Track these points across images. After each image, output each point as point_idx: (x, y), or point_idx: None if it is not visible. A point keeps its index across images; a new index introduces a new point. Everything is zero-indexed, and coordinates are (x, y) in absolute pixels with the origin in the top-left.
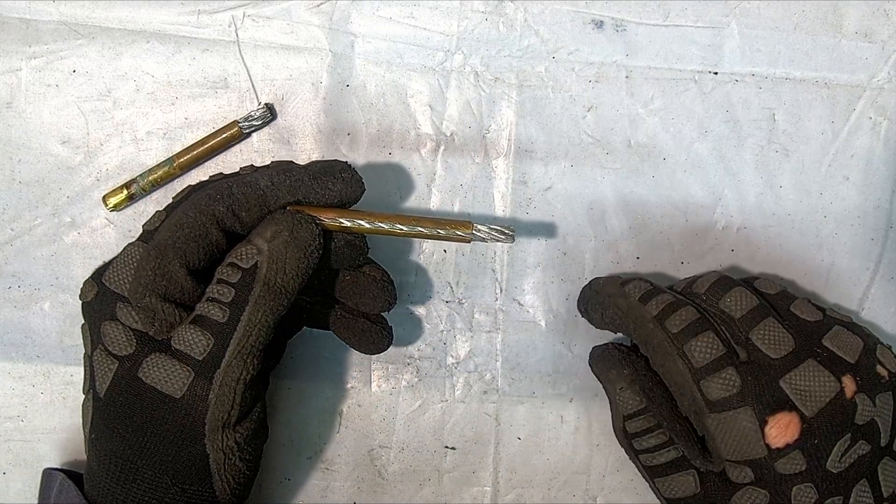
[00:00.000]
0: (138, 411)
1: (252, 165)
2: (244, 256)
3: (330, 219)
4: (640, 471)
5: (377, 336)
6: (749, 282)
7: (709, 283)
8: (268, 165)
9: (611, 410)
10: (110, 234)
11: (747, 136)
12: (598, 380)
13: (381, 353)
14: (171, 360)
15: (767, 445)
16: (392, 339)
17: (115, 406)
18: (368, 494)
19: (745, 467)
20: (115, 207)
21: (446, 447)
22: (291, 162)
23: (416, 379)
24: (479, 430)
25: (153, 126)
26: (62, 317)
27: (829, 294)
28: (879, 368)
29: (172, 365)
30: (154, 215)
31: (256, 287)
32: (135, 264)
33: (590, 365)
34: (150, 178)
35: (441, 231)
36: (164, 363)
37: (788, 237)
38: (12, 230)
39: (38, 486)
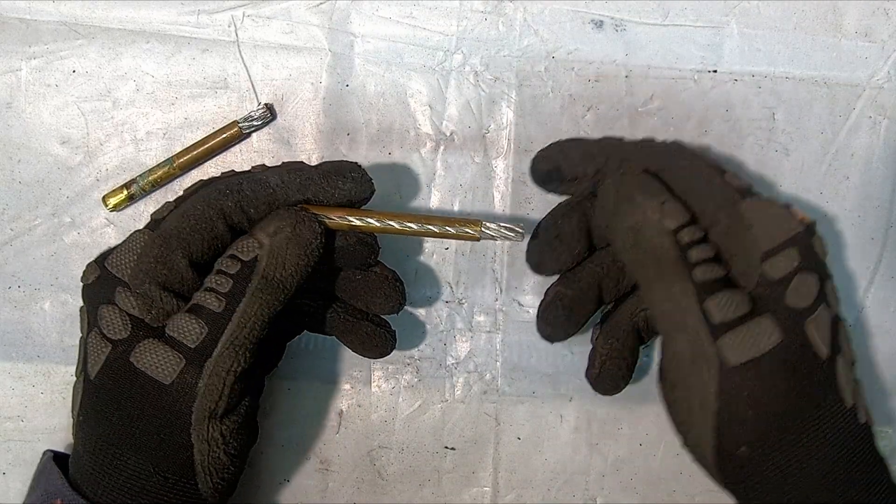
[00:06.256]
0: (127, 395)
1: (263, 165)
2: (245, 249)
3: (340, 217)
4: (687, 301)
5: (382, 339)
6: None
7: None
8: (279, 165)
9: (632, 231)
10: (110, 234)
11: (747, 136)
12: (628, 200)
13: None
14: (163, 347)
15: (802, 221)
16: (395, 343)
17: (104, 389)
18: (368, 495)
19: (789, 250)
20: (115, 207)
21: (446, 447)
22: (301, 162)
23: (416, 379)
24: (478, 430)
25: (153, 126)
26: (62, 317)
27: None
28: None
29: (164, 351)
30: (163, 205)
31: (254, 280)
32: (138, 250)
33: (608, 191)
34: (150, 178)
35: (450, 229)
36: (156, 349)
37: None
38: (12, 230)
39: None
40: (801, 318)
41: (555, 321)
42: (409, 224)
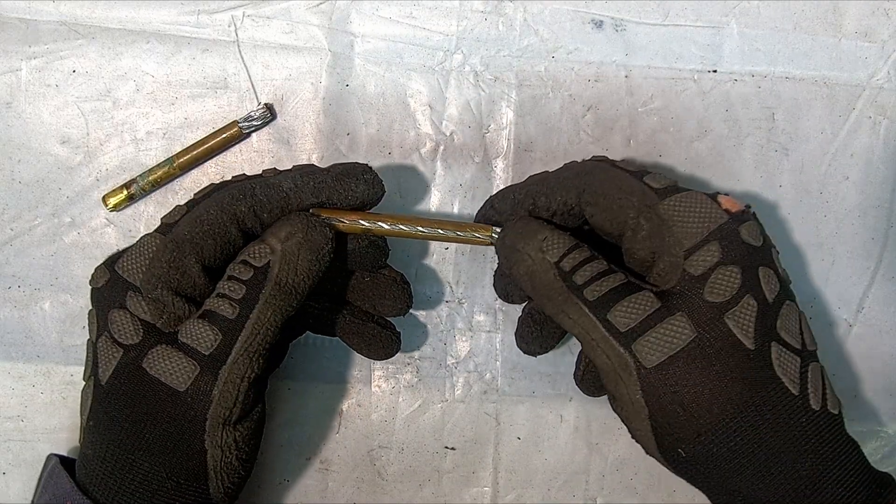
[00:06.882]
0: (140, 401)
1: (274, 168)
2: (257, 255)
3: (352, 221)
4: (586, 321)
5: (387, 341)
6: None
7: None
8: (290, 169)
9: (527, 276)
10: (110, 234)
11: (747, 136)
12: (513, 250)
13: None
14: (177, 353)
15: (727, 211)
16: (400, 345)
17: (116, 395)
18: (368, 495)
19: (710, 244)
20: (115, 207)
21: (446, 447)
22: (313, 165)
23: (416, 379)
24: (478, 430)
25: (153, 126)
26: (62, 317)
27: (829, 293)
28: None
29: (178, 358)
30: (174, 209)
31: (268, 286)
32: (150, 255)
33: (499, 246)
34: (150, 178)
35: (460, 234)
36: (169, 355)
37: (788, 236)
38: (12, 230)
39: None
40: (720, 312)
41: (529, 337)
42: (420, 228)
